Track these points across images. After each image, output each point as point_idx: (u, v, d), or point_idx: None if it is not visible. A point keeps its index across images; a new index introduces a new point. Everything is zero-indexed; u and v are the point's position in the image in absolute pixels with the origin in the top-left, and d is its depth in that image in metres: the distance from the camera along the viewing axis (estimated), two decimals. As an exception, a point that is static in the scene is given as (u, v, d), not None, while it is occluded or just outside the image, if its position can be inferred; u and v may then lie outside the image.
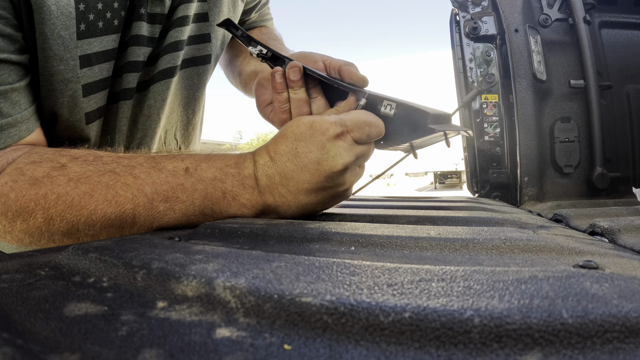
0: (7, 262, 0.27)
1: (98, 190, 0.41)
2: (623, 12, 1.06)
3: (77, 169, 0.42)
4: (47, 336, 0.16)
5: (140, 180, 0.42)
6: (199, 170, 0.44)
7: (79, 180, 0.41)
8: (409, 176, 21.06)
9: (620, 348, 0.15)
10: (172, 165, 0.44)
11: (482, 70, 1.10)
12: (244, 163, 0.46)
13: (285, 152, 0.45)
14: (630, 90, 1.05)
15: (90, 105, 0.53)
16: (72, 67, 0.49)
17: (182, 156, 0.46)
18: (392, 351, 0.16)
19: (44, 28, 0.45)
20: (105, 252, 0.25)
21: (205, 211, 0.44)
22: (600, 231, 0.46)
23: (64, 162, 0.42)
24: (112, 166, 0.43)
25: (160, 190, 0.43)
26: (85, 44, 0.49)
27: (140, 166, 0.43)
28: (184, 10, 0.59)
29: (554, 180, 1.02)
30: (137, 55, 0.55)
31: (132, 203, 0.42)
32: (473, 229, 0.38)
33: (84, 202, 0.41)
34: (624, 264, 0.29)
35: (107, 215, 0.41)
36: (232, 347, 0.16)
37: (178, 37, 0.60)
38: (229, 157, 0.47)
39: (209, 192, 0.44)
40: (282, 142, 0.46)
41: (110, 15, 0.50)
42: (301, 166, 0.44)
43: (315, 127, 0.45)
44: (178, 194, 0.43)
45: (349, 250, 0.33)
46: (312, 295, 0.18)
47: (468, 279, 0.20)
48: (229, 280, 0.20)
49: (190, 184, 0.43)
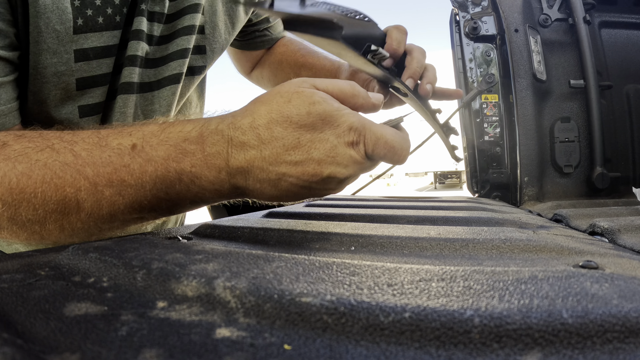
0: (7, 262, 0.27)
1: (36, 170, 0.36)
2: (623, 12, 1.06)
3: (17, 147, 0.37)
4: (47, 336, 0.16)
5: (81, 160, 0.37)
6: (148, 147, 0.37)
7: (16, 158, 0.36)
8: (409, 176, 21.05)
9: (620, 348, 0.15)
10: (117, 141, 0.37)
11: (482, 70, 1.10)
12: (210, 137, 0.38)
13: (281, 137, 0.37)
14: (630, 90, 1.05)
15: (85, 99, 0.52)
16: (65, 61, 0.48)
17: (131, 129, 0.39)
18: (392, 351, 0.16)
19: (39, 21, 0.44)
20: (105, 252, 0.25)
21: (160, 195, 0.38)
22: (600, 231, 0.46)
23: (6, 140, 0.38)
24: (51, 142, 0.37)
25: (103, 173, 0.36)
26: (82, 38, 0.48)
27: (83, 142, 0.37)
28: (191, 20, 0.59)
29: (554, 180, 1.02)
30: (136, 49, 0.54)
31: (73, 187, 0.36)
32: (473, 229, 0.38)
33: (22, 184, 0.36)
34: (624, 264, 0.29)
35: (47, 198, 0.36)
36: (232, 347, 0.16)
37: (184, 45, 0.60)
38: (190, 126, 0.39)
39: (161, 175, 0.37)
40: (282, 125, 0.37)
41: (112, 11, 0.50)
42: (297, 160, 0.37)
43: (330, 121, 0.37)
44: (124, 177, 0.37)
45: (349, 250, 0.33)
46: (312, 295, 0.18)
47: (468, 279, 0.20)
48: (229, 280, 0.20)
49: (138, 165, 0.37)
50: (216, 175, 0.38)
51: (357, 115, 0.39)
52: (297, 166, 0.37)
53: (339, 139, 0.37)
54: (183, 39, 0.59)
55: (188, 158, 0.37)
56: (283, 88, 0.39)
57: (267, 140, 0.37)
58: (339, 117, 0.38)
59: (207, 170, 0.37)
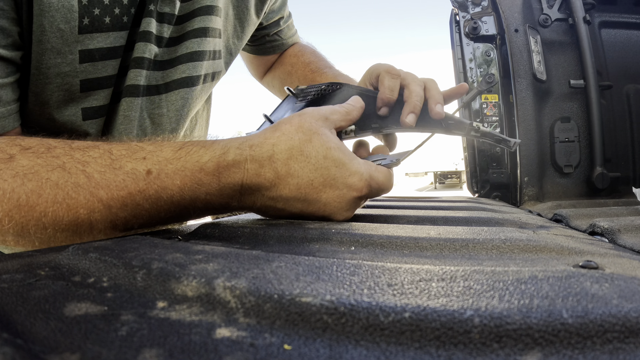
0: (7, 262, 0.27)
1: (47, 189, 0.36)
2: (623, 12, 1.06)
3: (25, 163, 0.37)
4: (47, 336, 0.16)
5: (94, 182, 0.37)
6: (163, 175, 0.38)
7: (26, 175, 0.36)
8: (409, 176, 21.05)
9: (620, 348, 0.15)
10: (130, 165, 0.38)
11: (482, 70, 1.10)
12: (229, 170, 0.39)
13: (297, 175, 0.40)
14: (630, 90, 1.05)
15: (89, 101, 0.51)
16: (70, 61, 0.47)
17: (145, 152, 0.39)
18: (392, 351, 0.16)
19: (43, 20, 0.43)
20: (105, 252, 0.25)
21: (173, 216, 0.41)
22: (600, 231, 0.46)
23: (13, 153, 0.37)
24: (62, 160, 0.37)
25: (118, 196, 0.37)
26: (87, 38, 0.47)
27: (95, 162, 0.38)
28: (202, 22, 0.58)
29: (554, 180, 1.02)
30: (144, 51, 0.53)
31: (86, 208, 0.36)
32: (473, 229, 0.38)
33: (32, 202, 0.36)
34: (624, 264, 0.29)
35: (58, 219, 0.36)
36: (232, 347, 0.16)
37: (195, 48, 0.58)
38: (205, 155, 0.39)
39: (176, 201, 0.39)
40: (300, 160, 0.40)
41: (119, 11, 0.49)
42: (308, 200, 0.41)
43: (342, 169, 0.41)
44: (139, 201, 0.38)
45: (349, 250, 0.33)
46: (312, 295, 0.18)
47: (468, 279, 0.20)
48: (229, 280, 0.20)
49: (154, 191, 0.38)
50: (228, 201, 0.40)
51: (365, 164, 0.43)
52: (304, 203, 0.41)
53: (350, 189, 0.41)
54: (193, 42, 0.58)
55: (204, 188, 0.39)
56: (305, 124, 0.42)
57: (283, 177, 0.40)
58: (351, 166, 0.41)
59: (220, 198, 0.40)
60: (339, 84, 0.56)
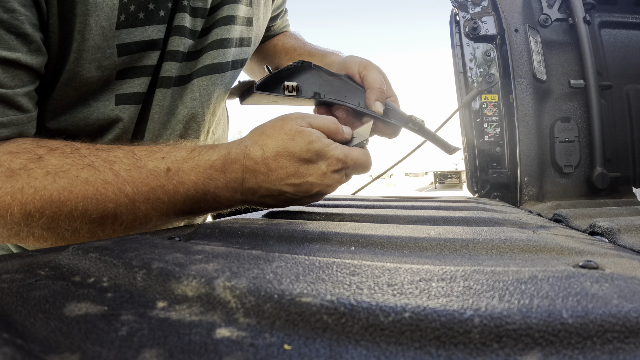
0: (7, 262, 0.27)
1: (77, 185, 0.40)
2: (623, 12, 1.06)
3: (55, 162, 0.40)
4: (47, 336, 0.16)
5: (121, 179, 0.42)
6: (181, 172, 0.44)
7: (57, 174, 0.40)
8: (409, 176, 21.05)
9: (620, 348, 0.15)
10: (153, 163, 0.44)
11: (482, 70, 1.10)
12: (232, 166, 0.46)
13: (285, 167, 0.47)
14: (630, 90, 1.05)
15: (123, 87, 0.52)
16: (109, 55, 0.48)
17: (163, 152, 0.45)
18: (392, 351, 0.16)
19: (89, 19, 0.45)
20: (105, 252, 0.25)
21: (186, 209, 0.46)
22: (600, 231, 0.46)
23: (41, 153, 0.41)
24: (90, 159, 0.42)
25: (142, 191, 0.42)
26: (123, 33, 0.49)
27: (120, 161, 0.43)
28: (229, 10, 0.60)
29: (554, 180, 1.02)
30: (178, 45, 0.55)
31: (114, 203, 0.41)
32: (473, 229, 0.38)
33: (63, 198, 0.39)
34: (624, 264, 0.29)
35: (88, 212, 0.40)
36: (232, 347, 0.16)
37: (224, 35, 0.60)
38: (214, 154, 0.46)
39: (191, 195, 0.45)
40: (286, 158, 0.47)
41: (154, 6, 0.51)
42: (296, 183, 0.48)
43: (323, 155, 0.48)
44: (159, 195, 0.43)
45: (349, 250, 0.33)
46: (312, 295, 0.18)
47: (468, 279, 0.20)
48: (229, 280, 0.20)
49: (172, 186, 0.44)
50: (232, 194, 0.47)
51: (341, 147, 0.51)
52: (294, 186, 0.48)
53: (329, 167, 0.49)
54: (222, 29, 0.60)
55: (213, 182, 0.46)
56: (286, 125, 0.49)
57: (274, 169, 0.47)
58: (329, 151, 0.49)
59: (226, 191, 0.47)
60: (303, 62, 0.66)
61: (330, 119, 0.53)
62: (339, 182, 0.51)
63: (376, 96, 0.63)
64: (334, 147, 0.49)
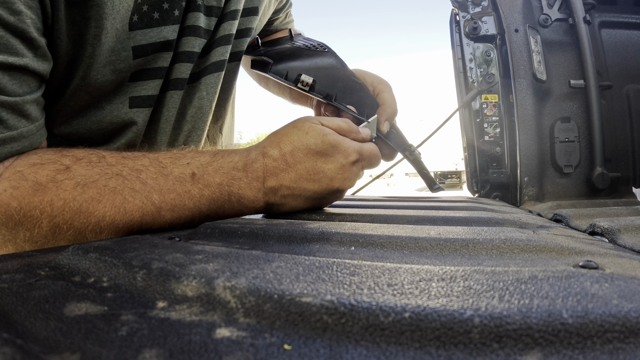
0: (7, 262, 0.27)
1: (106, 195, 0.39)
2: (623, 12, 1.06)
3: (83, 172, 0.39)
4: (47, 336, 0.16)
5: (148, 187, 0.42)
6: (206, 175, 0.45)
7: (86, 184, 0.39)
8: (409, 176, 21.06)
9: (620, 348, 0.15)
10: (178, 170, 0.44)
11: (482, 70, 1.10)
12: (252, 165, 0.47)
13: (303, 162, 0.48)
14: (630, 90, 1.05)
15: (137, 90, 0.52)
16: (124, 58, 0.48)
17: (188, 158, 0.45)
18: (392, 351, 0.16)
19: (105, 23, 0.44)
20: (105, 252, 0.25)
21: (210, 214, 0.46)
22: (600, 231, 0.46)
23: (67, 163, 0.40)
24: (118, 168, 0.41)
25: (168, 199, 0.42)
26: (139, 35, 0.48)
27: (147, 170, 0.42)
28: (235, 4, 0.60)
29: (554, 180, 1.02)
30: (193, 46, 0.54)
31: (141, 211, 0.41)
32: (473, 229, 0.38)
33: (91, 209, 0.39)
34: (624, 264, 0.29)
35: (115, 222, 0.40)
36: (232, 347, 0.16)
37: (230, 30, 0.60)
38: (236, 156, 0.48)
39: (216, 197, 0.45)
40: (303, 152, 0.48)
41: (169, 5, 0.50)
42: (315, 179, 0.49)
43: (340, 149, 0.50)
44: (185, 202, 0.43)
45: (349, 250, 0.33)
46: (312, 295, 0.18)
47: (468, 279, 0.20)
48: (229, 280, 0.20)
49: (198, 190, 0.44)
50: (255, 194, 0.47)
51: (355, 141, 0.52)
52: (314, 182, 0.49)
53: (346, 159, 0.50)
54: (229, 24, 0.60)
55: (236, 182, 0.46)
56: (299, 123, 0.51)
57: (292, 164, 0.48)
58: (344, 144, 0.50)
59: (249, 191, 0.47)
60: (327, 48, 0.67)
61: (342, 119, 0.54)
62: (357, 176, 0.52)
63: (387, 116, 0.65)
64: (349, 140, 0.51)
